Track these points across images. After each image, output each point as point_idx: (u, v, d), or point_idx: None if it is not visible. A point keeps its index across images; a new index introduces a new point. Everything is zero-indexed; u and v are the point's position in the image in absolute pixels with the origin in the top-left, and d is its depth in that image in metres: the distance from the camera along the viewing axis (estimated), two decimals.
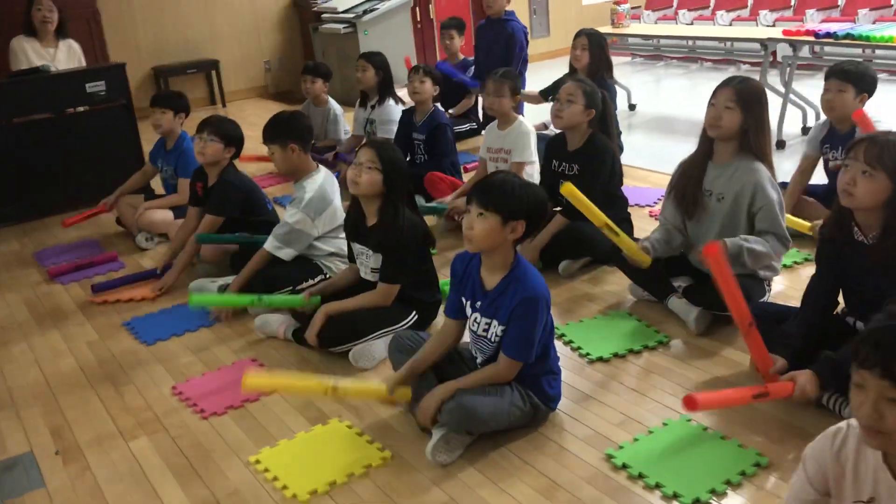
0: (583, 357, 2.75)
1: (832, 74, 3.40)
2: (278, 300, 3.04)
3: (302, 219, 3.22)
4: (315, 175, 3.32)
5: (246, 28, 8.28)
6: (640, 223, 3.70)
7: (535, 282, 2.23)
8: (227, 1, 8.12)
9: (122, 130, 5.12)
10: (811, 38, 5.22)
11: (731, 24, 7.94)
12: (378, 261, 2.91)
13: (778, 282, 3.01)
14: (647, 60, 8.82)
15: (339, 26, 7.54)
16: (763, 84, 3.59)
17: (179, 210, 4.12)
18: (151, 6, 7.76)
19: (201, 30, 8.06)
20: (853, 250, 2.25)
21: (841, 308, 2.43)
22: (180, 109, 4.24)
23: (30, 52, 5.19)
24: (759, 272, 2.78)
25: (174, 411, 2.67)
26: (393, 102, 4.95)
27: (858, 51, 5.85)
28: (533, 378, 2.31)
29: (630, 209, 3.61)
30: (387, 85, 4.97)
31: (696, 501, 1.99)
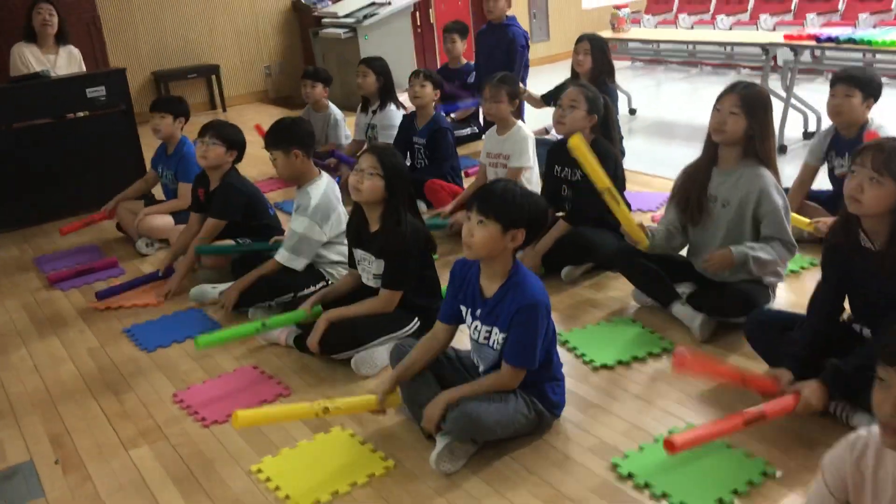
0: (587, 364, 2.73)
1: (839, 80, 3.36)
2: (281, 320, 2.99)
3: (310, 226, 3.21)
4: (318, 181, 3.31)
5: (246, 33, 8.28)
6: None
7: (534, 288, 2.22)
8: (227, 5, 8.11)
9: (122, 135, 5.11)
10: (813, 43, 5.21)
11: (731, 28, 7.94)
12: (380, 267, 2.90)
13: (782, 287, 2.99)
14: (647, 65, 8.82)
15: (339, 31, 7.53)
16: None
17: (180, 215, 4.10)
18: (152, 11, 7.75)
19: (201, 34, 8.05)
20: (860, 257, 2.23)
21: (847, 315, 2.41)
22: (180, 114, 4.23)
23: (30, 58, 5.18)
24: (765, 278, 2.76)
25: (175, 419, 2.65)
26: (394, 107, 4.95)
27: (859, 55, 5.85)
28: (536, 385, 2.30)
29: (632, 214, 3.59)
30: (388, 90, 4.96)
31: None
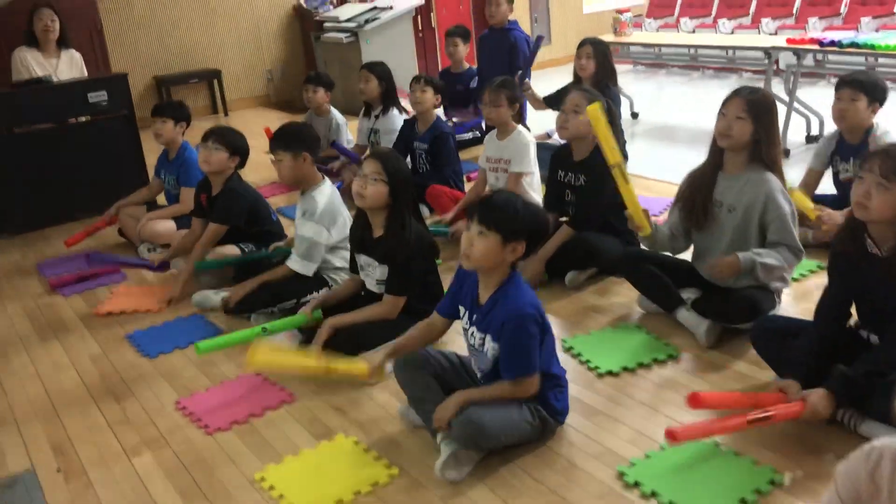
0: (591, 370, 2.72)
1: (844, 84, 3.35)
2: (282, 324, 2.99)
3: (319, 230, 3.22)
4: (322, 185, 3.31)
5: (248, 37, 8.28)
6: None
7: (522, 299, 2.18)
8: (228, 10, 8.11)
9: (124, 140, 5.10)
10: (816, 47, 5.19)
11: (732, 32, 7.93)
12: (384, 272, 2.89)
13: (787, 293, 2.97)
14: (649, 68, 8.81)
15: (341, 35, 7.53)
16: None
17: (182, 220, 4.10)
18: (153, 16, 7.75)
19: (203, 39, 8.05)
20: (867, 263, 2.22)
21: (854, 321, 2.40)
22: (181, 119, 4.23)
23: (31, 63, 5.18)
24: (771, 284, 2.75)
25: (178, 427, 2.63)
26: (396, 112, 4.94)
27: (861, 59, 5.84)
28: (539, 392, 2.27)
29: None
30: (390, 95, 4.96)
31: None
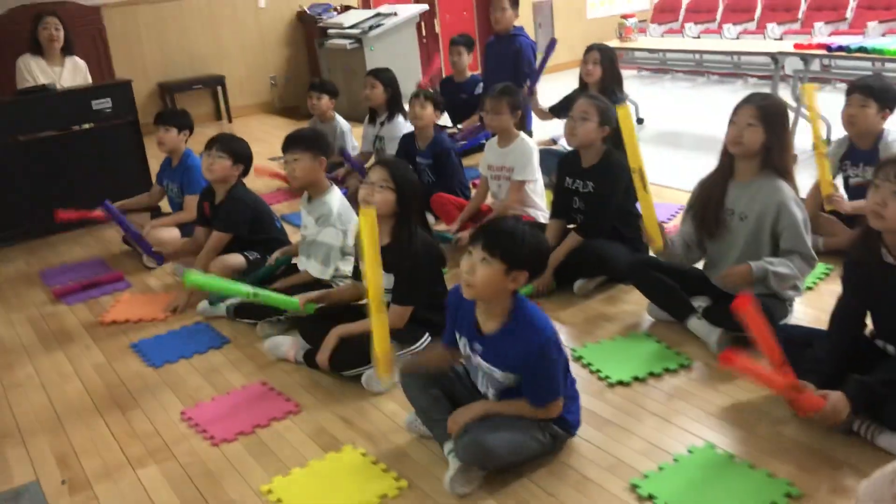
0: (602, 380, 2.68)
1: (855, 89, 3.31)
2: (274, 297, 3.00)
3: (337, 234, 3.23)
4: (332, 190, 3.34)
5: (251, 44, 8.27)
6: None
7: (537, 324, 2.13)
8: (232, 16, 8.11)
9: (128, 147, 5.08)
10: (824, 52, 5.16)
11: (737, 38, 7.91)
12: (390, 281, 2.85)
13: (799, 301, 2.94)
14: (654, 74, 8.79)
15: (344, 42, 7.51)
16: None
17: (187, 228, 4.07)
18: (157, 22, 7.74)
19: (207, 46, 8.04)
20: (882, 272, 2.19)
21: (869, 331, 2.37)
22: (184, 127, 4.21)
23: (36, 71, 5.17)
24: (783, 293, 2.71)
25: (183, 438, 2.60)
26: (402, 119, 4.91)
27: (868, 64, 5.81)
28: None
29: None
30: (396, 101, 4.93)
31: None
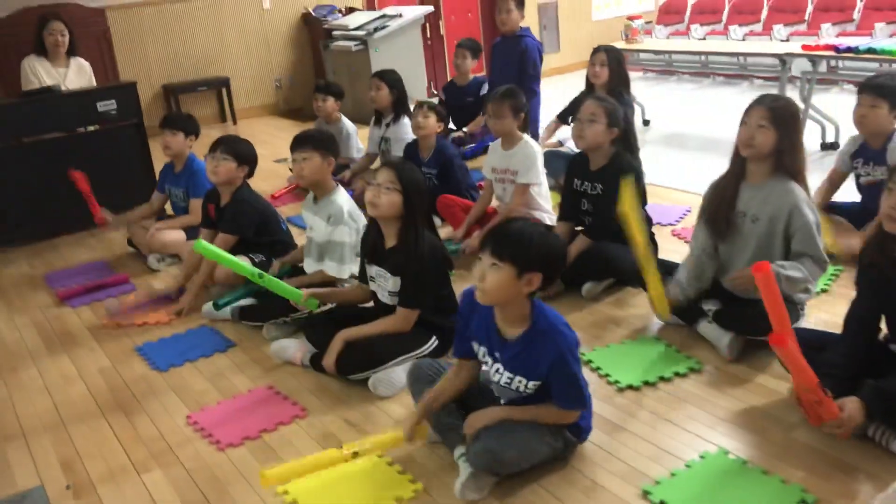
0: (611, 384, 2.65)
1: (866, 89, 3.28)
2: (277, 285, 2.99)
3: (350, 232, 3.24)
4: (339, 190, 3.37)
5: (256, 45, 8.26)
6: (664, 243, 3.60)
7: (563, 330, 2.11)
8: (237, 18, 8.10)
9: (133, 149, 5.07)
10: (832, 53, 5.13)
11: (743, 39, 7.87)
12: (396, 284, 2.83)
13: (811, 304, 2.91)
14: (659, 75, 8.75)
15: (350, 44, 7.49)
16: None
17: (192, 231, 4.05)
18: (161, 24, 7.74)
19: (211, 47, 8.03)
20: None
21: (883, 335, 2.33)
22: (191, 132, 4.20)
23: (41, 72, 5.17)
24: (794, 296, 2.68)
25: (188, 442, 2.58)
26: (408, 121, 4.88)
27: (876, 65, 5.77)
28: None
29: (653, 228, 3.52)
30: (401, 103, 4.92)
31: None
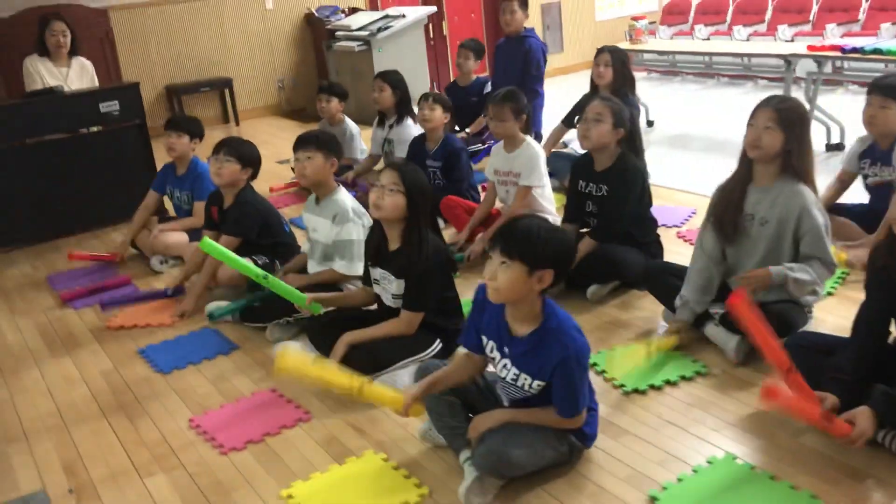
0: (617, 388, 2.63)
1: (876, 89, 3.27)
2: (281, 287, 3.00)
3: (355, 227, 3.22)
4: (340, 189, 3.35)
5: (259, 46, 8.24)
6: (669, 245, 3.58)
7: (573, 334, 2.09)
8: (240, 19, 8.09)
9: (136, 150, 5.05)
10: (838, 54, 5.10)
11: (748, 39, 7.84)
12: (400, 287, 2.81)
13: (819, 307, 2.88)
14: (663, 76, 8.73)
15: (353, 44, 7.48)
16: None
17: (195, 233, 4.04)
18: (164, 25, 7.73)
19: (214, 48, 8.02)
20: None
21: (893, 338, 2.31)
22: (196, 134, 4.19)
23: (43, 72, 5.16)
24: (802, 298, 2.66)
25: (191, 445, 2.56)
26: (411, 122, 4.88)
27: (882, 65, 5.73)
28: None
29: (658, 230, 3.50)
30: (405, 104, 4.90)
31: None
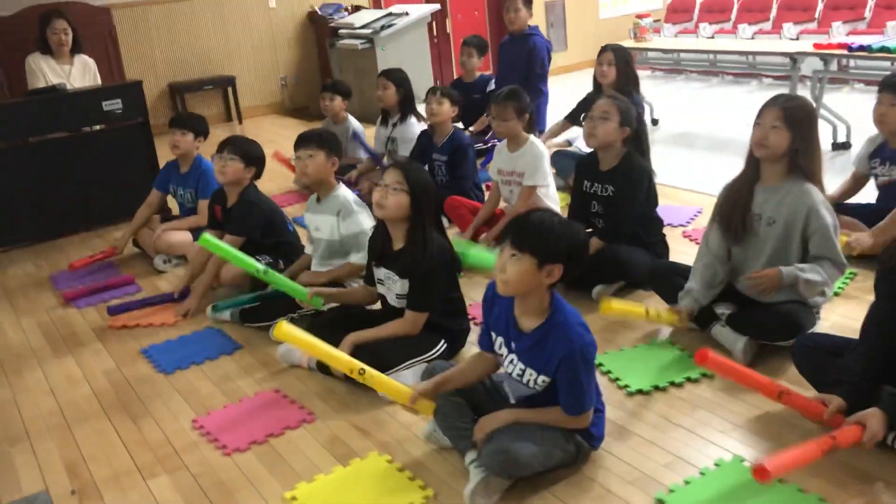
0: (621, 389, 2.61)
1: (886, 87, 3.25)
2: (281, 281, 2.99)
3: (364, 218, 3.24)
4: (340, 186, 3.38)
5: (262, 44, 8.23)
6: (675, 244, 3.57)
7: (579, 329, 2.07)
8: (242, 17, 8.07)
9: (139, 149, 5.03)
10: (844, 52, 5.06)
11: (752, 38, 7.80)
12: (404, 286, 2.79)
13: (828, 308, 2.86)
14: (667, 74, 8.70)
15: (356, 42, 7.46)
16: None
17: (198, 232, 4.01)
18: (167, 23, 7.72)
19: (217, 46, 8.01)
20: None
21: None
22: (201, 132, 4.17)
23: (46, 70, 5.15)
24: (810, 299, 2.64)
25: (194, 446, 2.55)
26: (414, 120, 4.85)
27: (888, 64, 5.70)
28: None
29: (663, 230, 3.48)
30: (408, 102, 4.88)
31: None
